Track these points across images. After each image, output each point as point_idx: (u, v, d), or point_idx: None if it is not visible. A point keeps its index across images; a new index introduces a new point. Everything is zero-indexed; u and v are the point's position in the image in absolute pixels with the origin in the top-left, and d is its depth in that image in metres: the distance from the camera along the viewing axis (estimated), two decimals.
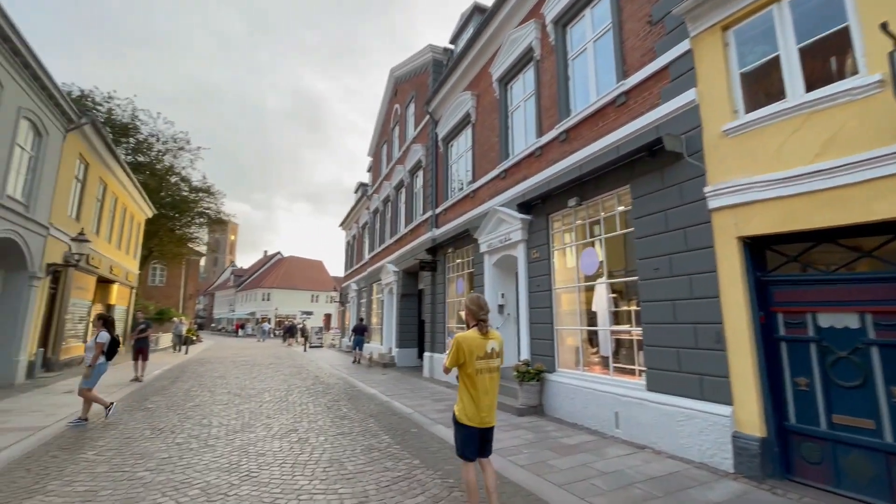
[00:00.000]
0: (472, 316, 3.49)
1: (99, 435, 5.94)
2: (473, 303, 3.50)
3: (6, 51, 8.60)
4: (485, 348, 3.40)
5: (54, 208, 11.43)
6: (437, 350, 12.24)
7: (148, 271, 35.21)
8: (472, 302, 3.51)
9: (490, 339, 3.44)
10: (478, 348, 3.37)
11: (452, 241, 11.57)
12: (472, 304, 3.50)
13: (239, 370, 14.06)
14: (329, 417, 7.15)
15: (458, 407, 3.44)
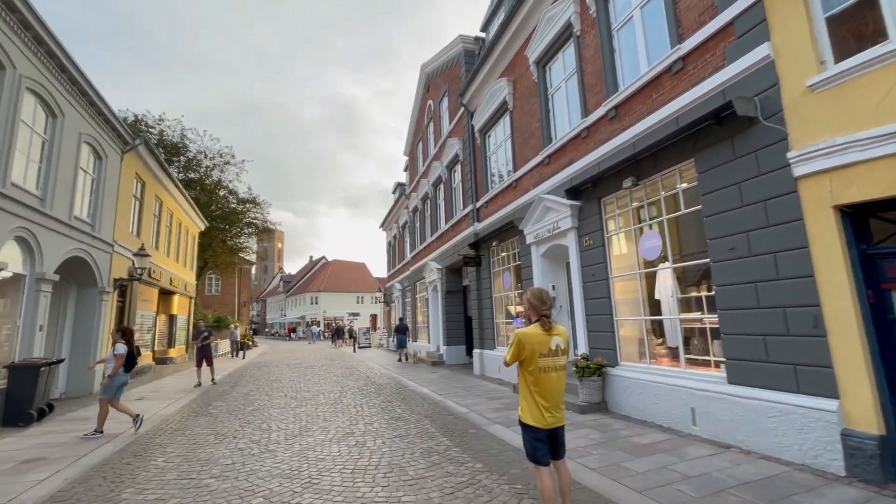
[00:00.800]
0: (533, 311, 3.20)
1: (168, 441, 6.13)
2: (535, 297, 3.21)
3: (65, 81, 9.12)
4: (549, 345, 3.10)
5: (117, 226, 12.12)
6: (487, 347, 11.96)
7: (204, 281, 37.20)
8: (534, 296, 3.21)
9: (554, 334, 3.13)
10: (541, 345, 3.08)
11: (496, 235, 11.24)
12: (534, 299, 3.20)
13: (293, 373, 14.41)
14: (384, 419, 7.06)
15: (522, 407, 3.19)
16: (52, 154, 8.86)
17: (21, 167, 8.00)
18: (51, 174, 8.79)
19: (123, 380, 6.76)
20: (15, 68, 7.53)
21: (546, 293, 3.22)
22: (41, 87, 8.34)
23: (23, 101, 7.81)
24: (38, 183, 8.58)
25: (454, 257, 14.49)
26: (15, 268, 7.97)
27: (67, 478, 4.72)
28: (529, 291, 3.26)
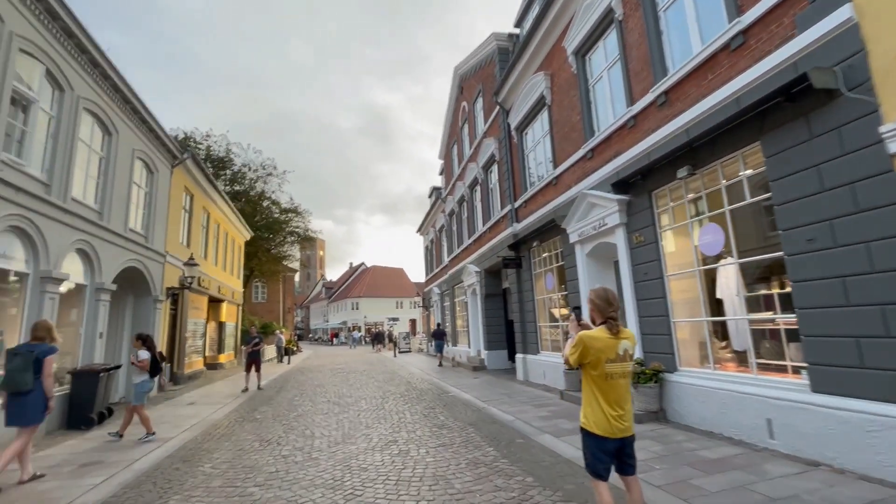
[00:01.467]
0: (598, 313, 2.89)
1: (215, 446, 6.19)
2: (600, 297, 2.90)
3: (119, 100, 9.61)
4: (616, 350, 2.78)
5: (168, 237, 12.68)
6: (530, 351, 11.54)
7: (251, 289, 38.67)
8: (598, 296, 2.91)
9: (622, 338, 2.81)
10: (607, 350, 2.76)
11: (536, 235, 10.84)
12: (599, 299, 2.90)
13: (336, 378, 14.54)
14: (427, 427, 6.85)
15: (585, 413, 2.88)
16: (108, 170, 9.34)
17: (80, 183, 8.46)
18: (107, 189, 9.26)
19: (149, 386, 6.84)
20: (73, 90, 7.97)
21: (612, 294, 2.92)
22: (97, 106, 8.81)
23: (81, 120, 8.26)
24: (96, 197, 9.05)
25: (493, 259, 14.16)
26: (77, 279, 8.42)
27: (121, 482, 4.81)
28: (593, 292, 2.96)
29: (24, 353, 4.85)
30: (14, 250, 6.71)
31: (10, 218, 6.43)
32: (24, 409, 4.76)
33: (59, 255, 7.53)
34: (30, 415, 4.80)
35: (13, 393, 4.75)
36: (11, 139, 6.84)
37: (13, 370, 4.74)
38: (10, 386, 4.73)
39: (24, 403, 4.75)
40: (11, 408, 4.76)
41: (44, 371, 4.89)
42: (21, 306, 6.91)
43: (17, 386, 4.72)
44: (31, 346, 4.95)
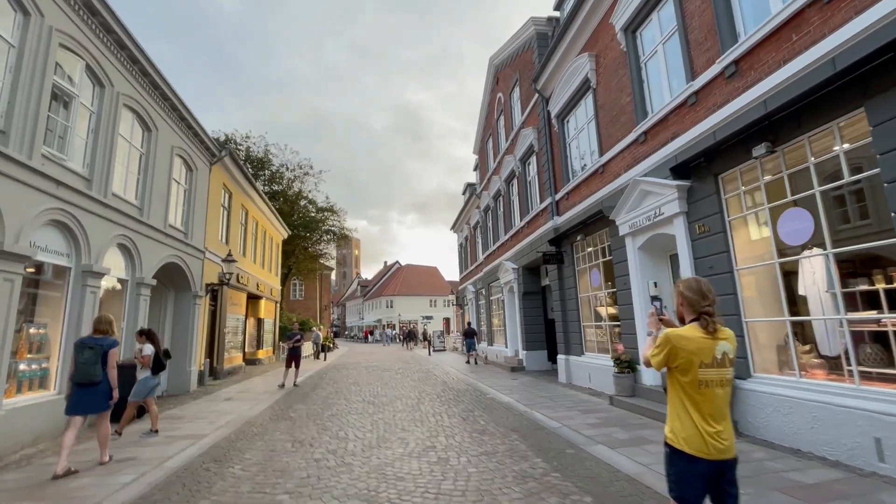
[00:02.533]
0: (689, 307, 2.33)
1: (247, 445, 5.97)
2: (691, 289, 2.34)
3: (157, 97, 9.70)
4: (713, 352, 2.21)
5: (207, 234, 12.83)
6: (574, 352, 10.85)
7: (289, 287, 39.55)
8: (689, 288, 2.35)
9: (720, 339, 2.23)
10: (702, 353, 2.20)
11: (580, 228, 10.15)
12: (690, 291, 2.34)
13: (371, 376, 14.33)
14: (467, 431, 6.39)
15: (672, 427, 2.32)
16: (148, 166, 9.44)
17: (121, 178, 8.54)
18: (147, 185, 9.35)
19: (154, 382, 6.64)
20: (113, 86, 8.04)
21: (707, 285, 2.35)
22: (136, 103, 8.89)
23: (121, 116, 8.32)
24: (136, 193, 9.15)
25: (532, 255, 13.53)
26: (118, 273, 8.51)
27: (151, 482, 4.62)
28: (683, 283, 2.40)
29: (95, 346, 5.03)
30: (56, 244, 6.77)
31: (52, 212, 6.47)
32: (94, 398, 5.01)
33: (101, 249, 7.59)
34: (97, 404, 5.07)
35: (84, 384, 4.94)
36: (54, 134, 6.91)
37: (86, 362, 4.94)
38: (83, 377, 4.93)
39: (94, 393, 4.99)
40: (81, 398, 4.97)
41: (108, 363, 5.12)
42: (63, 300, 6.97)
43: (90, 377, 4.93)
44: (97, 340, 5.11)
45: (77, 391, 4.98)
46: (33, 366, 6.48)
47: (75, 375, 4.97)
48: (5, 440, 5.53)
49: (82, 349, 5.00)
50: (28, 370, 6.37)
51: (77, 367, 4.94)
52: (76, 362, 4.97)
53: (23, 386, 6.28)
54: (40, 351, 6.70)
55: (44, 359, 6.70)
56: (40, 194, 6.21)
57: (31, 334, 6.52)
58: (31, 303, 6.75)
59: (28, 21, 6.04)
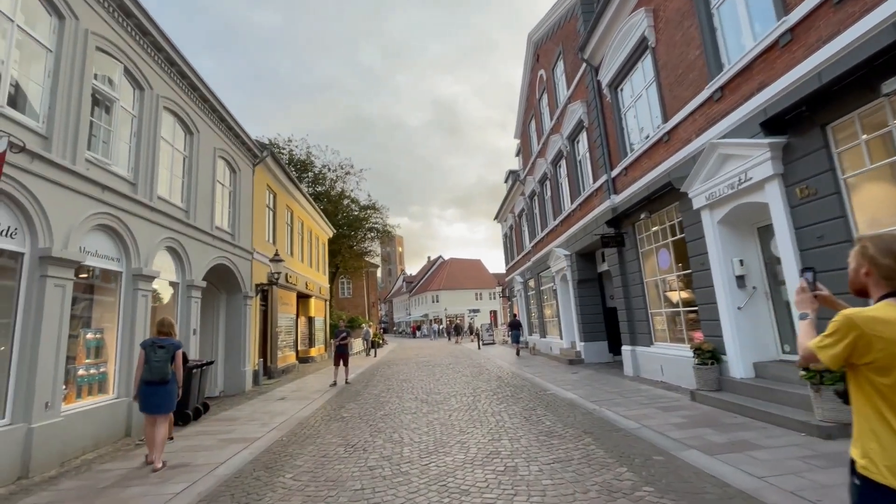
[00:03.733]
0: (885, 278, 1.58)
1: (299, 450, 5.66)
2: (884, 250, 1.59)
3: (197, 99, 9.70)
4: None
5: (254, 235, 12.91)
6: (641, 343, 9.88)
7: (337, 285, 40.27)
8: (881, 249, 1.59)
9: None
10: None
11: (643, 205, 9.14)
12: (882, 254, 1.59)
13: (422, 372, 13.98)
14: (532, 433, 5.75)
15: (866, 450, 1.56)
16: (192, 169, 9.45)
17: (166, 182, 8.56)
18: (192, 187, 9.37)
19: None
20: (152, 88, 8.01)
21: None
22: (177, 105, 8.88)
23: (162, 119, 8.31)
24: (182, 196, 9.18)
25: (586, 240, 12.58)
26: (169, 276, 8.56)
27: (200, 492, 4.36)
28: (874, 242, 1.63)
29: (167, 346, 5.27)
30: (106, 249, 6.78)
31: (99, 217, 6.45)
32: (166, 397, 5.24)
33: (149, 252, 7.59)
34: (169, 402, 5.31)
35: (157, 382, 5.16)
36: (98, 139, 6.91)
37: (160, 361, 5.17)
38: (156, 375, 5.13)
39: (165, 392, 5.23)
40: (155, 397, 5.18)
41: (175, 363, 5.33)
42: (117, 304, 6.99)
43: (163, 375, 5.16)
44: (165, 341, 5.30)
45: (148, 390, 5.16)
46: (91, 370, 6.52)
47: (149, 374, 5.12)
48: (65, 445, 5.53)
49: (155, 348, 5.19)
50: (87, 375, 6.41)
51: (151, 365, 5.12)
52: (149, 361, 5.14)
53: (82, 391, 6.32)
54: (98, 356, 6.75)
55: (101, 363, 6.74)
56: (86, 199, 6.19)
57: (87, 339, 6.56)
58: (87, 308, 6.80)
59: (63, 25, 5.98)
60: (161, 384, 5.19)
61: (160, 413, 5.25)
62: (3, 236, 5.04)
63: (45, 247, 5.39)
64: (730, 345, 6.79)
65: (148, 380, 5.14)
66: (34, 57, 5.75)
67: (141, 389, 5.21)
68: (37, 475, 5.04)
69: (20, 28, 5.42)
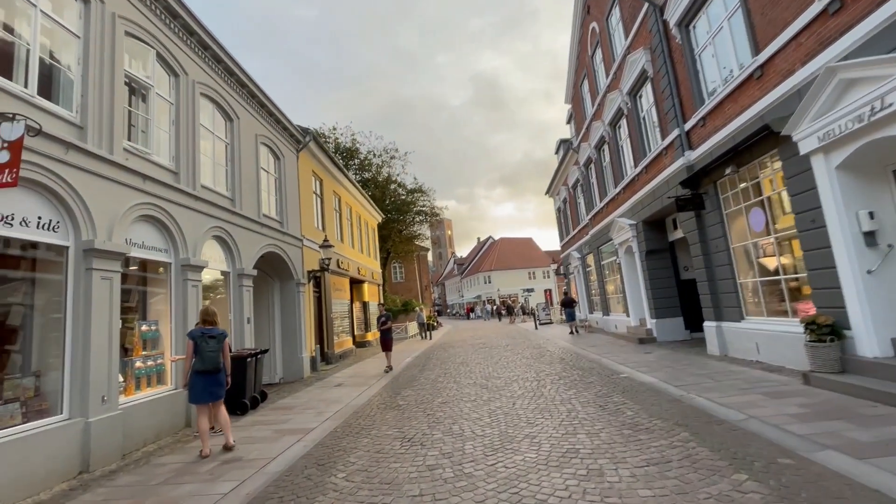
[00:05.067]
0: None
1: (353, 444, 5.26)
2: None
3: (234, 84, 9.47)
4: None
5: (303, 222, 12.80)
6: (728, 318, 8.63)
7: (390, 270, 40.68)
8: None
9: None
10: None
11: (727, 159, 7.80)
12: None
13: (479, 355, 13.42)
14: (613, 426, 4.96)
15: None
16: (234, 156, 9.29)
17: (208, 170, 8.42)
18: (236, 175, 9.22)
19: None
20: (187, 74, 7.80)
21: None
22: (214, 91, 8.67)
23: (200, 106, 8.11)
24: (227, 185, 9.05)
25: (654, 206, 11.27)
26: (219, 266, 8.49)
27: (249, 492, 4.04)
28: None
29: (218, 335, 5.36)
30: (153, 240, 6.68)
31: (142, 207, 6.32)
32: (218, 385, 5.34)
33: (196, 242, 7.48)
34: (221, 390, 5.39)
35: (210, 371, 5.22)
36: (136, 129, 6.77)
37: (214, 350, 5.26)
38: (210, 364, 5.21)
39: (217, 380, 5.33)
40: (211, 385, 5.27)
41: (224, 352, 5.44)
42: (168, 295, 6.93)
43: (216, 364, 5.27)
44: (214, 331, 5.37)
45: (201, 379, 5.20)
46: (149, 362, 6.50)
47: (202, 364, 5.17)
48: (126, 438, 5.49)
49: (206, 339, 5.25)
50: (144, 367, 6.39)
51: (205, 355, 5.18)
52: (202, 351, 5.18)
53: (141, 383, 6.31)
54: (154, 347, 6.74)
55: (158, 354, 6.73)
56: (127, 189, 6.04)
57: (143, 331, 6.54)
58: (142, 300, 6.78)
59: (89, 9, 5.76)
60: (215, 373, 5.28)
61: (216, 400, 5.35)
62: (45, 230, 4.93)
63: (88, 239, 5.27)
64: (856, 317, 5.53)
65: (201, 369, 5.19)
66: (64, 45, 5.58)
67: (193, 380, 5.24)
68: (97, 469, 5.00)
69: (45, 14, 5.22)
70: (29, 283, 5.08)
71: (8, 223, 4.54)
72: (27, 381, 4.78)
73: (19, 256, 4.95)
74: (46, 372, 4.99)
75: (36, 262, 5.11)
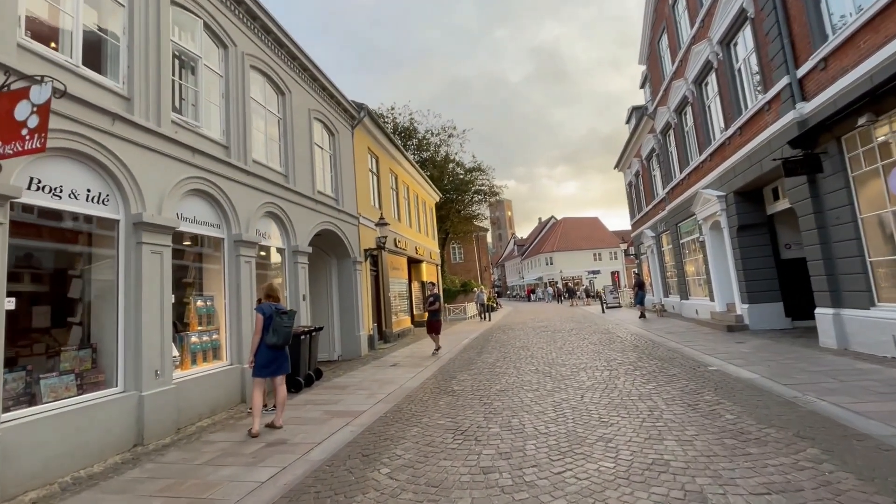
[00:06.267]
0: None
1: (401, 433, 4.82)
2: None
3: (285, 56, 9.24)
4: None
5: (359, 199, 12.58)
6: (853, 304, 7.10)
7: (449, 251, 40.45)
8: None
9: None
10: None
11: (859, 107, 6.22)
12: None
13: (540, 338, 12.62)
14: (710, 432, 4.05)
15: None
16: (287, 131, 9.11)
17: (261, 145, 8.28)
18: (289, 151, 9.05)
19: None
20: (236, 45, 7.60)
21: None
22: (265, 64, 8.46)
23: (250, 79, 7.92)
24: (280, 160, 8.91)
25: (750, 174, 9.66)
26: (274, 242, 8.41)
27: (287, 483, 3.71)
28: None
29: (290, 312, 5.38)
30: (205, 215, 6.61)
31: (192, 181, 6.21)
32: (286, 360, 5.36)
33: (249, 218, 7.36)
34: (288, 365, 5.40)
35: (281, 346, 5.24)
36: (186, 102, 6.67)
37: (287, 326, 5.26)
38: (285, 338, 5.24)
39: (286, 355, 5.36)
40: (280, 359, 5.27)
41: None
42: (222, 271, 6.89)
43: (289, 338, 5.30)
44: (281, 307, 5.33)
45: (270, 353, 5.16)
46: (204, 337, 6.51)
47: (276, 338, 5.13)
48: (180, 413, 5.48)
49: (279, 314, 5.22)
50: (199, 342, 6.40)
51: (280, 330, 5.16)
52: (277, 327, 5.14)
53: (197, 357, 6.33)
54: (210, 322, 6.74)
55: (213, 330, 6.73)
56: (176, 162, 5.94)
57: (198, 306, 6.55)
58: (198, 276, 6.79)
59: None
60: (285, 348, 5.32)
61: (282, 374, 5.32)
62: (95, 203, 4.89)
63: (137, 213, 5.19)
64: None
65: (274, 343, 5.15)
66: (111, 14, 5.46)
67: (263, 353, 5.16)
68: (151, 443, 5.00)
69: None
70: (86, 256, 5.11)
71: (57, 195, 4.50)
72: (83, 354, 4.82)
73: (75, 230, 4.96)
74: (102, 345, 5.01)
75: (91, 236, 5.13)
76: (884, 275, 6.62)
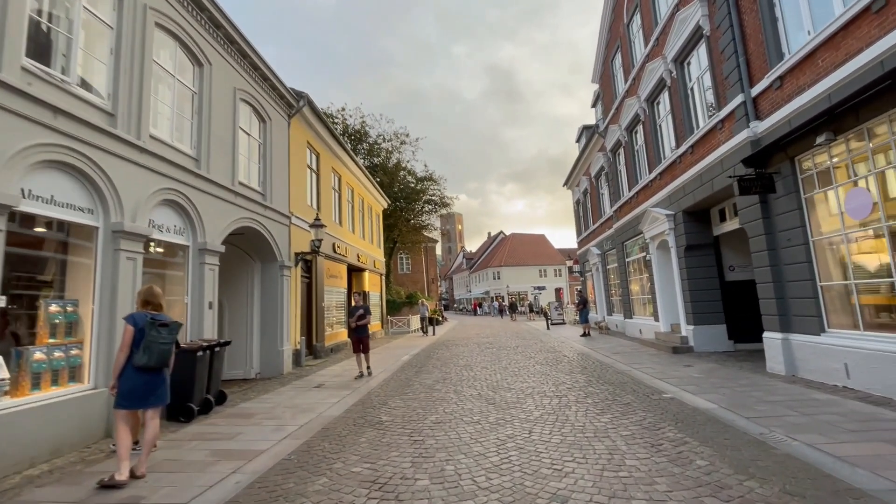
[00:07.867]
0: None
1: (301, 489, 3.70)
2: None
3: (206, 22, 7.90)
4: None
5: (293, 197, 11.26)
6: (803, 329, 6.89)
7: (396, 261, 39.16)
8: None
9: None
10: None
11: (816, 125, 6.03)
12: None
13: (485, 356, 11.82)
14: (684, 486, 3.31)
15: None
16: (203, 108, 7.75)
17: (163, 118, 6.90)
18: (203, 131, 7.68)
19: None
20: None
21: None
22: (176, 25, 7.11)
23: (153, 37, 6.55)
24: (192, 141, 7.52)
25: (700, 193, 9.54)
26: (176, 237, 6.97)
27: None
28: None
29: (171, 325, 4.21)
30: (71, 196, 5.15)
31: (47, 149, 4.77)
32: (164, 386, 4.18)
33: (138, 205, 5.94)
34: (167, 392, 4.24)
35: (157, 368, 4.09)
36: (55, 51, 5.23)
37: (167, 342, 4.11)
38: (161, 359, 4.09)
39: (164, 380, 4.19)
40: (155, 386, 4.08)
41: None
42: (92, 268, 5.41)
43: (167, 360, 4.18)
44: (165, 318, 4.21)
45: (141, 378, 3.99)
46: (56, 353, 4.99)
47: (148, 358, 3.97)
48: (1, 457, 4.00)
49: (156, 327, 4.04)
50: (47, 359, 4.88)
51: (153, 348, 3.99)
52: (151, 343, 3.98)
53: (42, 380, 4.80)
54: (70, 334, 5.23)
55: (74, 344, 5.22)
56: (24, 122, 4.51)
57: (51, 313, 5.04)
58: (58, 273, 5.29)
59: None
60: (161, 371, 4.15)
61: (158, 405, 4.16)
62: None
63: None
64: None
65: (145, 365, 3.99)
66: None
67: (129, 379, 3.98)
68: None
69: None
70: None
71: None
72: None
73: None
74: None
75: None
76: (835, 300, 6.44)
